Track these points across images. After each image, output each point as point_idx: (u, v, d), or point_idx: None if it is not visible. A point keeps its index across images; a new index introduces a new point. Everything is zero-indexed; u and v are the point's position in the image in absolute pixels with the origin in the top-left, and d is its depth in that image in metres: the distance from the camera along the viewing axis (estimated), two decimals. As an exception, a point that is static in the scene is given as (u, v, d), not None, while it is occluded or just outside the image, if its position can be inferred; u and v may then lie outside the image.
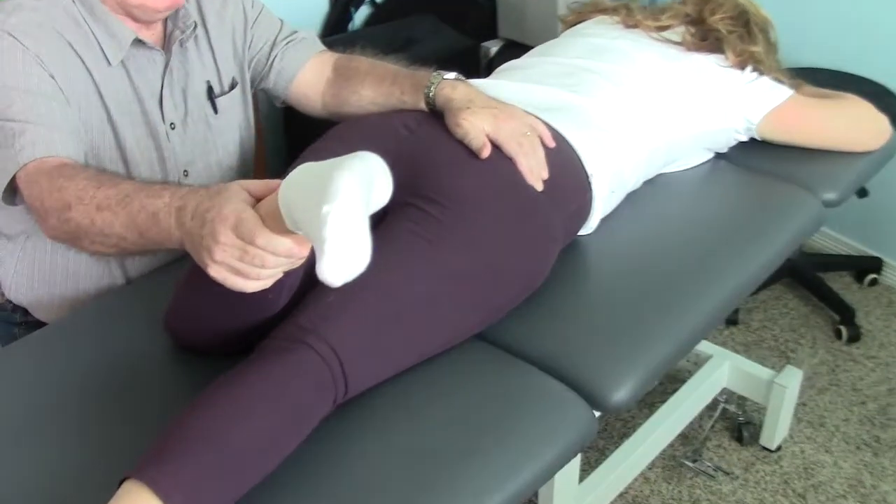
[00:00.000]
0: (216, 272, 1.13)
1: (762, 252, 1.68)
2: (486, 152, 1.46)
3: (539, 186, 1.48)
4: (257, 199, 1.15)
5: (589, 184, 1.59)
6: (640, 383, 1.41)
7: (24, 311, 1.70)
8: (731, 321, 2.78)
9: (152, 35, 1.58)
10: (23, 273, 1.65)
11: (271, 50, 1.75)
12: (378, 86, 1.67)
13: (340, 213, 0.97)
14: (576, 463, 1.83)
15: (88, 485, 1.22)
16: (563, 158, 1.56)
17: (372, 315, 1.29)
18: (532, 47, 2.05)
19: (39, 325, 1.68)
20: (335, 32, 3.14)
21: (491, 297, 1.42)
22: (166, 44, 1.59)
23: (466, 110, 1.51)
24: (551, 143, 1.55)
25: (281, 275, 1.15)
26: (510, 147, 1.48)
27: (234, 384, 1.18)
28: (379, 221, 1.44)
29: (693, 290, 1.57)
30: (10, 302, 1.71)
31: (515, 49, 3.01)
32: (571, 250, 1.63)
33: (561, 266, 1.55)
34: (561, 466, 1.33)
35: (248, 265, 1.11)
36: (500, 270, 1.42)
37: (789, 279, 2.90)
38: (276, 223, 1.09)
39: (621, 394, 1.39)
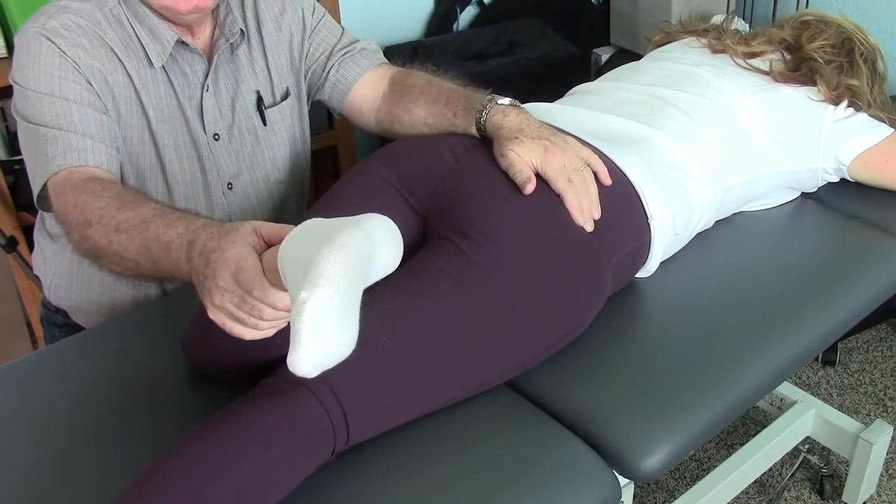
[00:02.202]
0: (214, 315, 1.08)
1: (837, 311, 1.53)
2: (529, 188, 1.36)
3: (589, 227, 1.38)
4: (268, 244, 1.09)
5: (648, 226, 1.47)
6: (676, 451, 1.30)
7: (65, 314, 1.69)
8: (829, 361, 2.60)
9: (198, 41, 1.54)
10: (62, 276, 1.64)
11: (328, 60, 1.69)
12: (431, 105, 1.59)
13: (317, 304, 0.90)
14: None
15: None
16: (619, 197, 1.45)
17: (384, 358, 1.21)
18: (643, 57, 1.95)
19: (78, 328, 1.67)
20: (440, 32, 3.08)
21: (522, 347, 1.33)
22: (211, 51, 1.55)
23: (514, 140, 1.41)
24: (607, 181, 1.43)
25: (284, 325, 1.09)
26: (559, 183, 1.38)
27: (219, 427, 1.12)
28: (414, 252, 1.38)
29: (752, 349, 1.44)
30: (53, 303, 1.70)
31: (626, 57, 2.92)
32: (622, 294, 1.51)
33: (607, 311, 1.44)
34: (574, 536, 1.23)
35: (246, 314, 1.06)
36: (534, 319, 1.32)
37: (898, 320, 2.71)
38: (278, 276, 1.02)
39: (652, 462, 1.27)
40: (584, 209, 1.38)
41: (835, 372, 2.58)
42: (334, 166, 2.90)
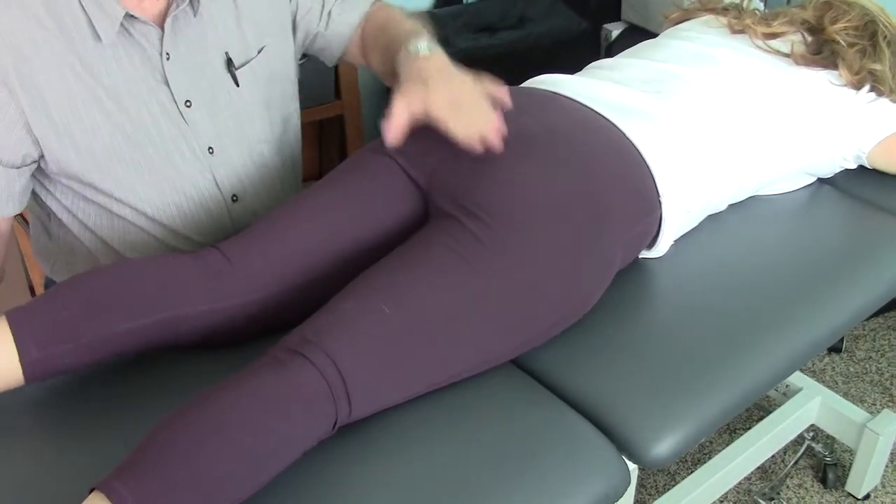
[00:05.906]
0: None
1: (852, 299, 1.51)
2: (391, 137, 1.35)
3: (497, 145, 1.34)
4: None
5: (659, 203, 1.44)
6: (687, 438, 1.28)
7: (68, 281, 1.67)
8: (835, 349, 2.58)
9: (152, 7, 1.45)
10: (63, 260, 1.63)
11: (322, 9, 1.66)
12: (382, 59, 1.61)
13: None
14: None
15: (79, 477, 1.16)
16: (630, 171, 1.42)
17: (387, 330, 1.20)
18: (654, 33, 1.91)
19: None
20: (449, 3, 3.03)
21: (526, 323, 1.30)
22: (164, 18, 1.47)
23: (399, 90, 1.38)
24: (508, 103, 1.41)
25: None
26: (441, 114, 1.33)
27: (220, 397, 1.10)
28: (419, 228, 1.35)
29: (766, 336, 1.41)
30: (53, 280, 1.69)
31: (637, 33, 2.89)
32: (632, 274, 1.49)
33: (617, 291, 1.42)
34: (582, 522, 1.21)
35: None
36: (542, 296, 1.30)
37: (906, 309, 2.69)
38: None
39: (662, 448, 1.25)
40: (471, 128, 1.34)
41: (840, 359, 2.56)
42: (341, 136, 2.86)
